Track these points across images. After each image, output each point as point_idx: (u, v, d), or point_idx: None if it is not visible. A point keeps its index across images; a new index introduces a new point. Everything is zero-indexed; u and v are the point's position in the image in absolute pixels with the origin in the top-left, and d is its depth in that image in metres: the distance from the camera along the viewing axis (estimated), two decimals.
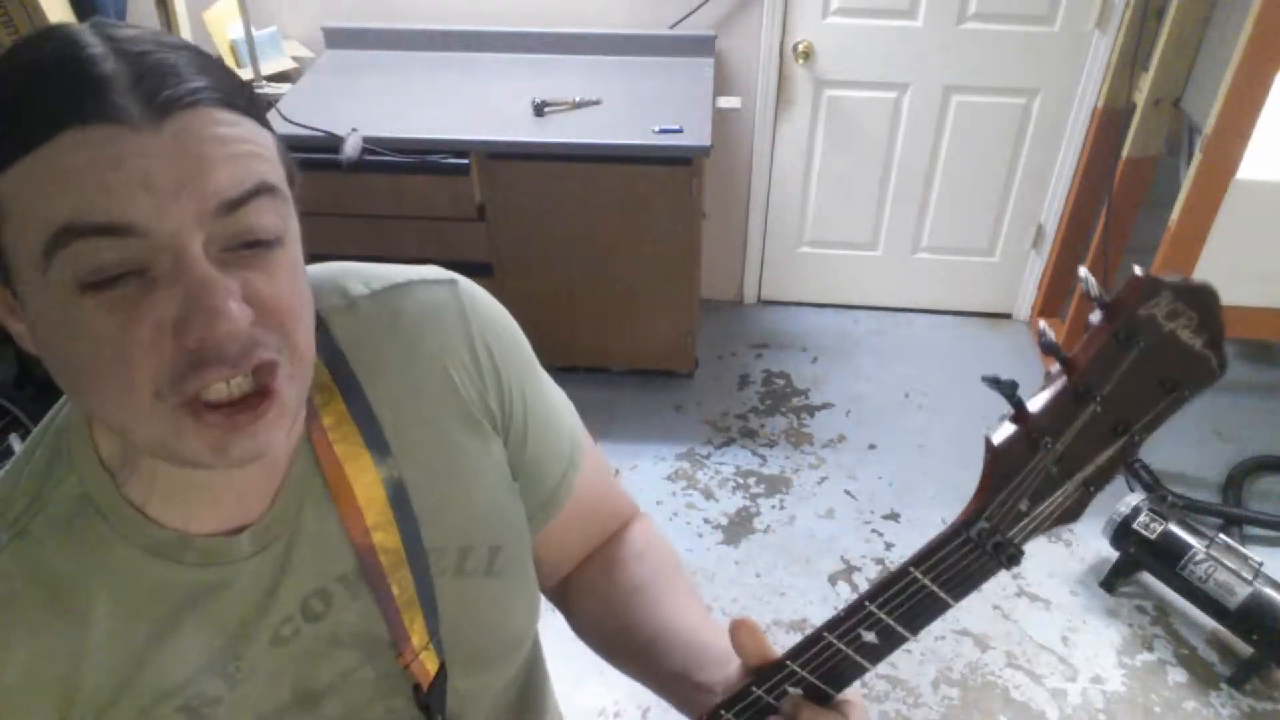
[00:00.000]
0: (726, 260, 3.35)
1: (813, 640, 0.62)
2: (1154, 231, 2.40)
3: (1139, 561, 2.29)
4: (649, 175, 2.51)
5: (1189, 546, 2.18)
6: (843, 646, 0.62)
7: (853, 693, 0.65)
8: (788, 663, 0.63)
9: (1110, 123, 2.80)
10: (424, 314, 0.68)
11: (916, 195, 3.15)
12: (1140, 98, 2.54)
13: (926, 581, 0.62)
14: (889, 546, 2.50)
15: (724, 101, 2.82)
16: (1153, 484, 2.61)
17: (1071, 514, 0.62)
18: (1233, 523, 2.52)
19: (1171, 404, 0.58)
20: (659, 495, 2.64)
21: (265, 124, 0.56)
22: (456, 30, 2.87)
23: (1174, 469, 2.69)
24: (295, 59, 2.90)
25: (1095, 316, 0.57)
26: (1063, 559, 2.46)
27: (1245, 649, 2.16)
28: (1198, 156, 2.17)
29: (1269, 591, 2.08)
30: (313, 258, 0.63)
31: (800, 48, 2.86)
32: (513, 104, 2.57)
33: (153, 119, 0.49)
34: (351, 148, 2.31)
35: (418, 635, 0.68)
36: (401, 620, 0.68)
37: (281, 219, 0.54)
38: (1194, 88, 2.42)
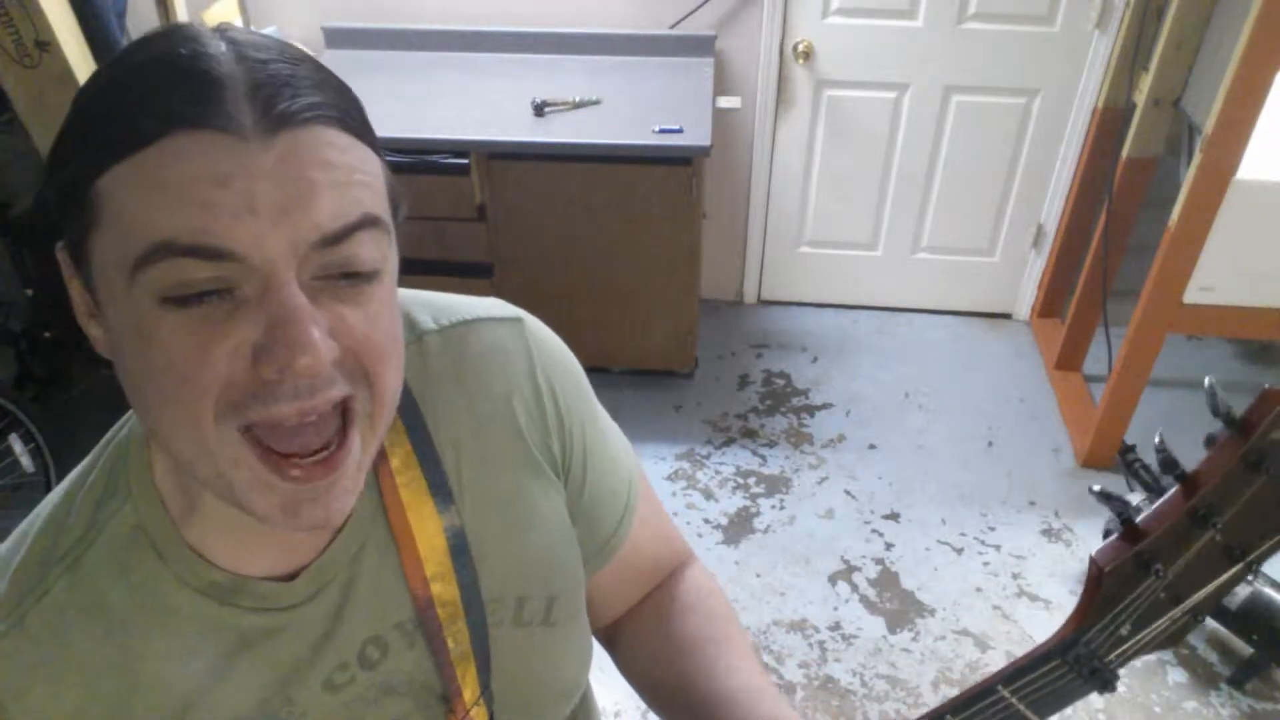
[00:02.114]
0: (726, 260, 3.35)
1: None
2: (1154, 231, 2.40)
3: None
4: (649, 175, 2.51)
5: None
6: None
7: None
8: None
9: (1110, 123, 2.80)
10: (490, 353, 0.66)
11: (916, 195, 3.15)
12: (1140, 98, 2.54)
13: (1014, 700, 0.58)
14: (889, 546, 2.50)
15: (724, 101, 2.82)
16: (1153, 484, 2.60)
17: (1173, 640, 0.58)
18: None
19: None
20: (659, 495, 2.64)
21: (376, 149, 0.53)
22: (456, 30, 2.87)
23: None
24: None
25: (1222, 434, 0.53)
26: (1063, 559, 2.46)
27: (1245, 649, 2.16)
28: (1198, 156, 2.17)
29: (1269, 591, 2.08)
30: None
31: (800, 48, 2.86)
32: (513, 104, 2.57)
33: (265, 132, 0.46)
34: None
35: (470, 689, 0.66)
36: (455, 674, 0.65)
37: (381, 252, 0.51)
38: (1194, 88, 2.42)
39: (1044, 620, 2.30)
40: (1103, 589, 0.55)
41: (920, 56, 2.86)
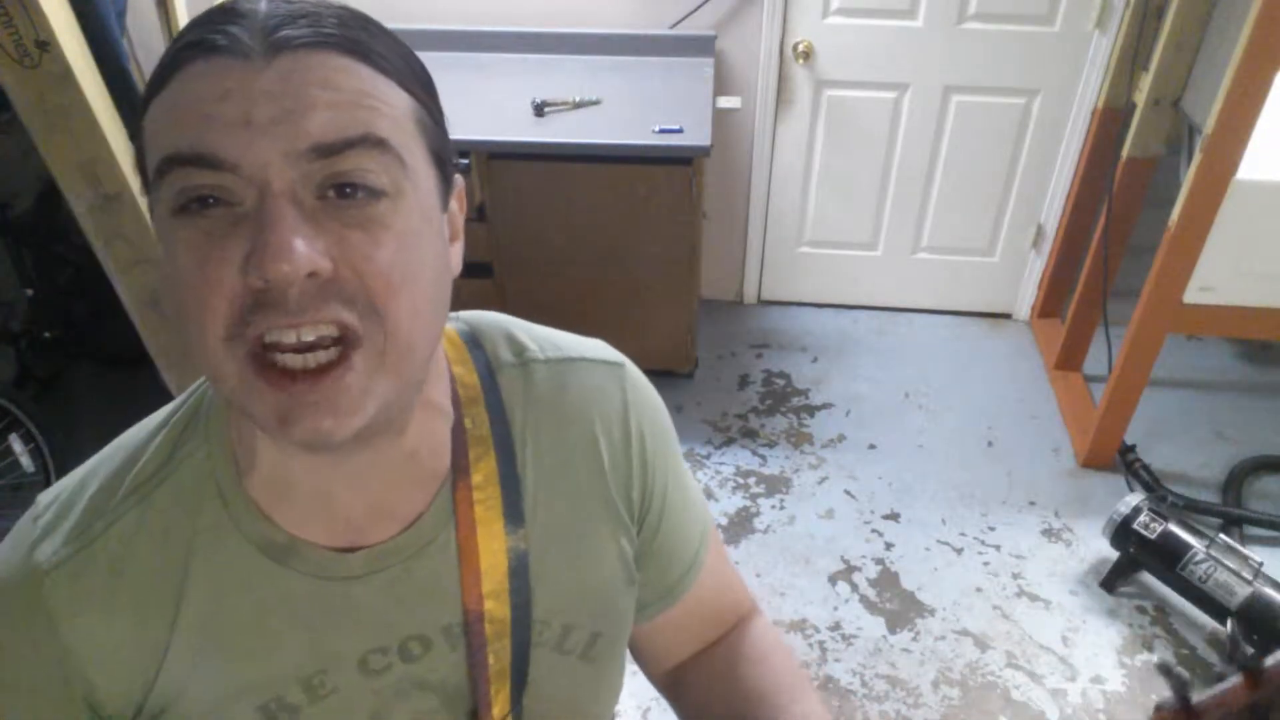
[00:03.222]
0: (726, 260, 3.35)
1: None
2: (1154, 231, 2.40)
3: (1139, 561, 2.29)
4: (649, 175, 2.51)
5: (1189, 546, 2.18)
6: None
7: None
8: None
9: (1110, 123, 2.80)
10: (589, 393, 0.68)
11: (916, 195, 3.15)
12: (1140, 98, 2.54)
13: None
14: (889, 546, 2.50)
15: (724, 101, 2.82)
16: (1153, 484, 2.60)
17: None
18: (1233, 523, 2.52)
19: None
20: None
21: (415, 94, 0.54)
22: (456, 30, 2.87)
23: (1174, 469, 2.69)
24: None
25: (1234, 677, 0.51)
26: (1063, 559, 2.46)
27: (1245, 649, 2.16)
28: (1198, 156, 2.17)
29: (1269, 591, 2.08)
30: None
31: (800, 48, 2.86)
32: (513, 104, 2.57)
33: (267, 53, 0.49)
34: None
35: (500, 706, 0.67)
36: (489, 690, 0.66)
37: (391, 179, 0.51)
38: (1194, 88, 2.42)
39: (1044, 620, 2.30)
40: None
41: (920, 56, 2.86)
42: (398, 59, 0.55)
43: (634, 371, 0.74)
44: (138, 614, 0.59)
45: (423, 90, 0.56)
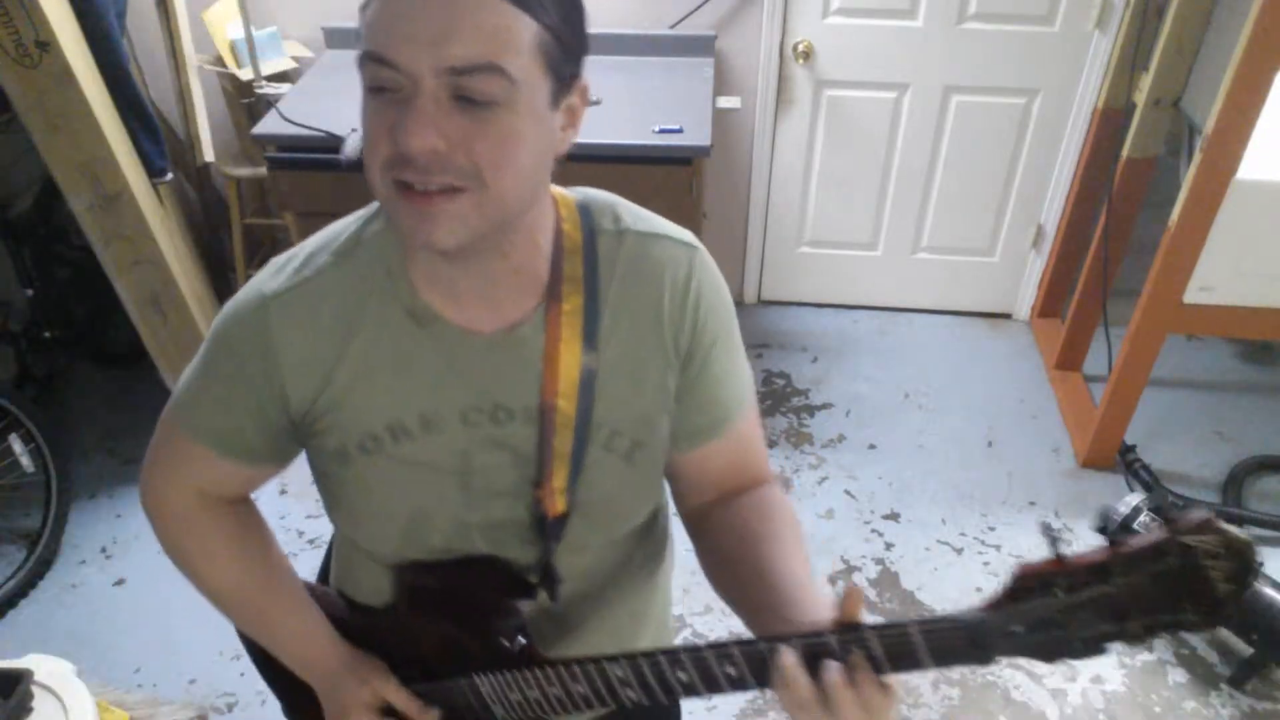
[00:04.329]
0: (726, 260, 3.35)
1: (890, 626, 0.71)
2: (1154, 231, 2.40)
3: None
4: (649, 175, 2.51)
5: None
6: (896, 639, 0.70)
7: (895, 680, 0.72)
8: (864, 629, 0.71)
9: (1110, 123, 2.80)
10: (663, 262, 0.87)
11: (916, 195, 3.15)
12: (1140, 98, 2.54)
13: (917, 638, 0.69)
14: (889, 546, 2.50)
15: (724, 101, 2.82)
16: (1153, 484, 2.61)
17: (1048, 654, 0.68)
18: (1233, 523, 2.51)
19: (1169, 624, 0.64)
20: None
21: (545, 23, 0.70)
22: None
23: (1174, 469, 2.69)
24: (295, 59, 2.90)
25: (1159, 529, 0.64)
26: None
27: (1245, 649, 2.16)
28: (1198, 156, 2.17)
29: (1269, 591, 2.08)
30: None
31: (800, 48, 2.86)
32: None
33: None
34: (352, 148, 2.31)
35: (559, 480, 0.86)
36: (551, 465, 0.86)
37: (501, 92, 0.69)
38: (1194, 88, 2.42)
39: None
40: (1016, 584, 0.67)
41: (920, 56, 2.86)
42: None
43: (705, 256, 0.91)
44: (324, 339, 0.83)
45: (557, 13, 0.71)
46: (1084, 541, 2.50)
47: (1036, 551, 2.48)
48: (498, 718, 0.94)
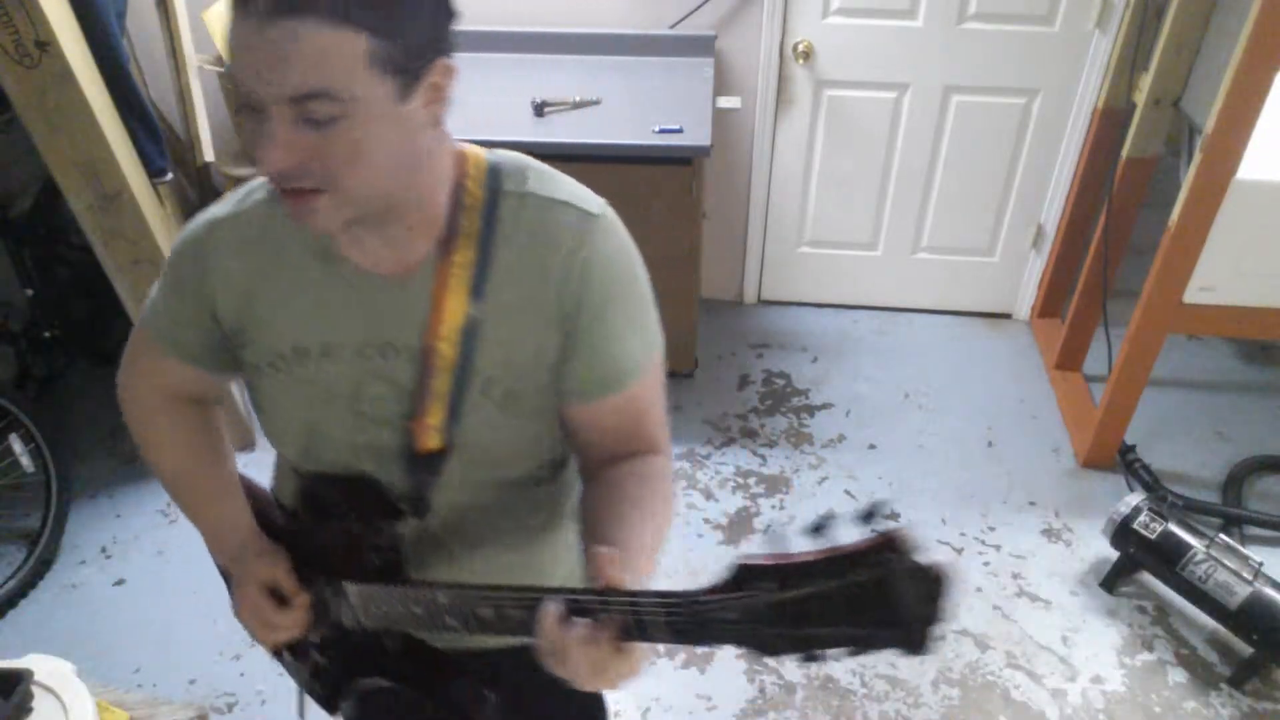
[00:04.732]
0: (726, 260, 3.35)
1: (629, 595, 0.75)
2: (1154, 231, 2.40)
3: (1139, 561, 2.29)
4: (649, 175, 2.51)
5: (1189, 546, 2.18)
6: (629, 609, 0.74)
7: (640, 649, 0.78)
8: (611, 596, 0.75)
9: (1110, 123, 2.80)
10: (557, 229, 0.92)
11: (916, 195, 3.15)
12: (1140, 98, 2.54)
13: (648, 612, 0.73)
14: None
15: (724, 101, 2.82)
16: (1153, 484, 2.60)
17: (763, 648, 0.68)
18: (1233, 523, 2.52)
19: (865, 638, 0.63)
20: None
21: (375, 29, 0.74)
22: (456, 30, 2.87)
23: (1174, 469, 2.70)
24: None
25: (858, 537, 0.65)
26: (1063, 559, 2.46)
27: (1245, 649, 2.16)
28: (1198, 156, 2.17)
29: (1269, 591, 2.08)
30: None
31: (800, 48, 2.86)
32: (513, 104, 2.57)
33: (269, 19, 0.72)
34: None
35: (434, 418, 0.95)
36: (427, 403, 0.95)
37: (340, 111, 0.76)
38: (1194, 88, 2.42)
39: (1044, 620, 2.30)
40: (733, 579, 0.68)
41: (920, 56, 2.86)
42: (363, 8, 0.73)
43: (604, 224, 0.95)
44: (250, 263, 0.94)
45: (385, 20, 0.75)
46: (1085, 543, 2.50)
47: (1037, 551, 2.48)
48: (364, 625, 1.05)
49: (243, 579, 1.05)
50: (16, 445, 2.41)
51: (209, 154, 3.01)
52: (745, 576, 0.67)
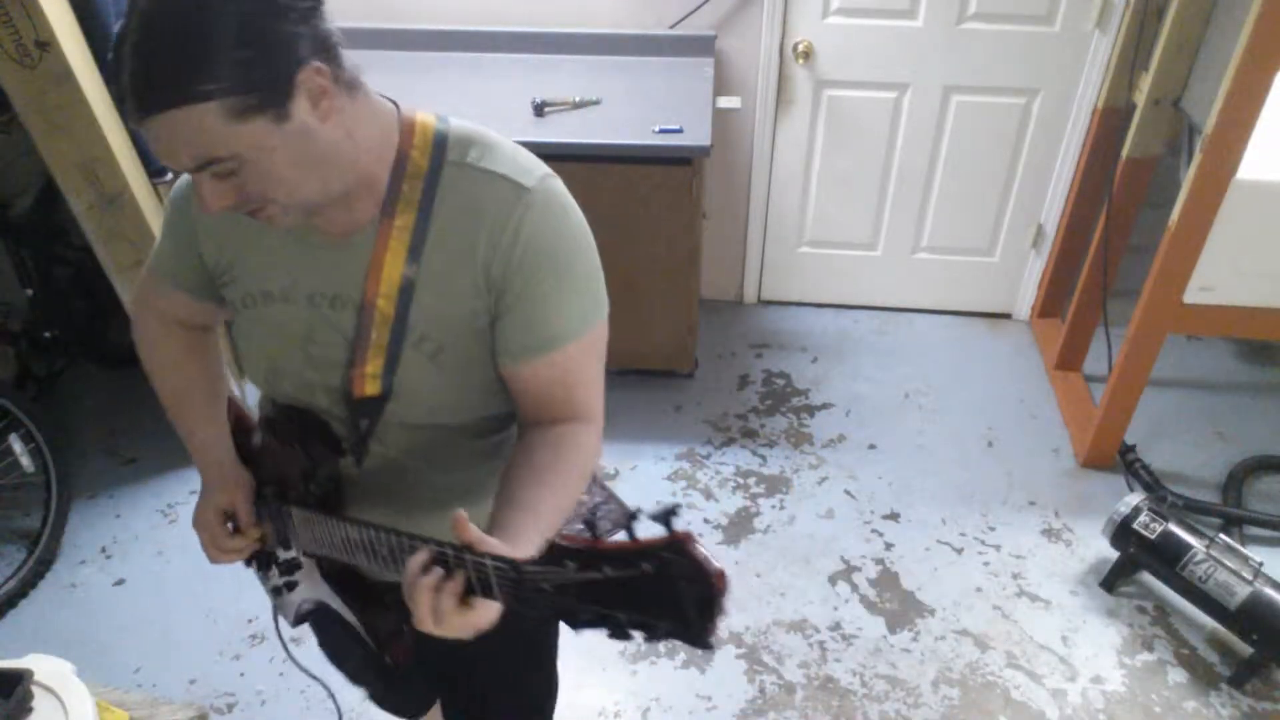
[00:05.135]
0: (726, 260, 3.35)
1: (478, 555, 0.81)
2: (1154, 231, 2.40)
3: (1139, 561, 2.29)
4: (649, 175, 2.51)
5: (1189, 546, 2.18)
6: (476, 566, 0.82)
7: (482, 607, 0.85)
8: (467, 553, 0.82)
9: (1110, 123, 2.80)
10: (493, 201, 0.98)
11: (916, 195, 3.15)
12: (1140, 98, 2.54)
13: (486, 570, 0.81)
14: (889, 546, 2.50)
15: (724, 101, 2.82)
16: (1153, 484, 2.60)
17: (567, 619, 0.75)
18: (1233, 523, 2.52)
19: (649, 625, 0.70)
20: (659, 495, 2.64)
21: (228, 87, 0.81)
22: (456, 30, 2.87)
23: (1174, 469, 2.70)
24: None
25: (651, 530, 0.69)
26: (1063, 559, 2.46)
27: (1245, 649, 2.16)
28: (1198, 156, 2.17)
29: (1269, 591, 2.08)
30: None
31: (800, 48, 2.86)
32: (513, 104, 2.57)
33: (140, 119, 0.83)
34: None
35: (372, 366, 1.04)
36: (366, 353, 1.04)
37: (235, 158, 0.86)
38: (1194, 88, 2.42)
39: (1044, 620, 2.30)
40: (552, 553, 0.74)
41: (920, 56, 2.86)
42: (195, 70, 0.80)
43: (541, 197, 1.00)
44: (226, 215, 0.99)
45: (229, 72, 0.81)
46: (1085, 542, 2.50)
47: (1037, 551, 2.48)
48: (305, 547, 1.18)
49: (207, 498, 1.19)
50: (16, 445, 2.41)
51: None
52: (558, 554, 0.73)
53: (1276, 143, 2.13)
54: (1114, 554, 2.35)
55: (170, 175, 2.55)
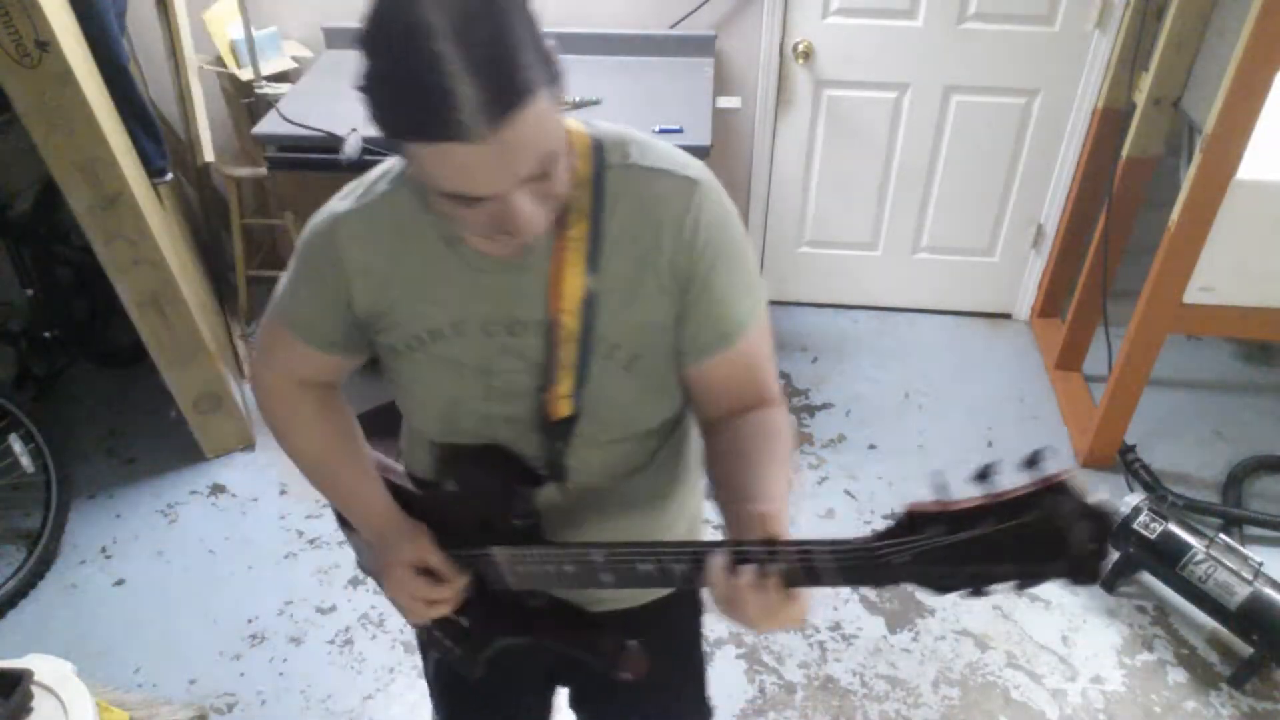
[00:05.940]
0: None
1: (802, 544, 0.82)
2: (1154, 231, 2.40)
3: (1139, 561, 2.29)
4: None
5: (1189, 546, 2.18)
6: (802, 555, 0.83)
7: (806, 593, 0.86)
8: (780, 545, 0.84)
9: (1110, 123, 2.80)
10: (664, 196, 0.96)
11: (916, 195, 3.15)
12: (1140, 98, 2.54)
13: (821, 558, 0.83)
14: None
15: (724, 101, 2.82)
16: (1153, 484, 2.60)
17: (935, 585, 0.77)
18: (1233, 523, 2.52)
19: (1035, 573, 0.71)
20: None
21: (550, 72, 0.78)
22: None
23: (1174, 469, 2.69)
24: (295, 59, 2.90)
25: (1025, 478, 0.71)
26: None
27: (1245, 649, 2.16)
28: (1198, 156, 2.17)
29: (1269, 591, 2.08)
30: None
31: (800, 48, 2.86)
32: None
33: (493, 127, 0.74)
34: (352, 148, 2.31)
35: (564, 387, 1.01)
36: (556, 374, 1.00)
37: (558, 158, 0.82)
38: (1194, 88, 2.42)
39: (1044, 620, 2.30)
40: (905, 523, 0.80)
41: (920, 56, 2.86)
42: (521, 62, 0.75)
43: (707, 188, 0.98)
44: (381, 254, 0.99)
45: (543, 64, 0.78)
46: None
47: None
48: (510, 585, 1.12)
49: (391, 561, 1.11)
50: (16, 445, 2.41)
51: (209, 154, 3.01)
52: (917, 522, 0.75)
53: (1276, 143, 2.13)
54: (1114, 554, 2.35)
55: (170, 176, 2.55)
